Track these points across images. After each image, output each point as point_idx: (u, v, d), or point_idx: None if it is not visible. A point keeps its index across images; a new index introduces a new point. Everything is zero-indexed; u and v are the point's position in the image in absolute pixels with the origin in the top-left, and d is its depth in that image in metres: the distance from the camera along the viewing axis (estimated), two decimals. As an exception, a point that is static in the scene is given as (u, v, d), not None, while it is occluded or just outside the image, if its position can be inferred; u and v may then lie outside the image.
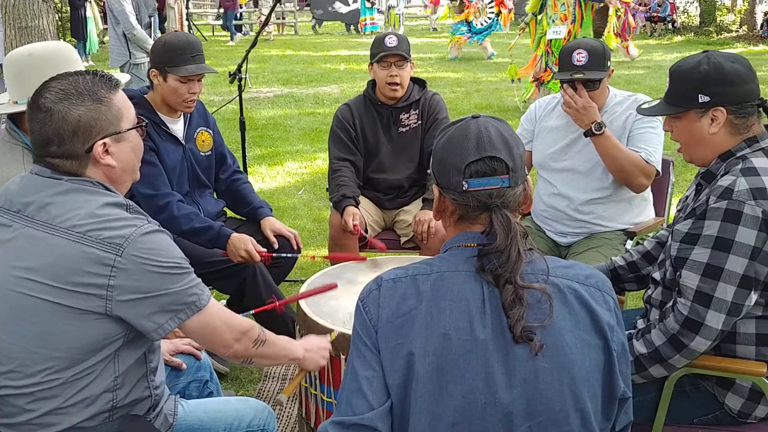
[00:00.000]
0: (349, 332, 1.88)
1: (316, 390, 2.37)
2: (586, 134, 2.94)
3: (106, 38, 12.33)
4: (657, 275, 2.14)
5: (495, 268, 1.38)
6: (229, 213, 3.50)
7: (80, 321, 1.57)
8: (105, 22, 12.85)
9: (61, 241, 1.56)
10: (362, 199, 3.55)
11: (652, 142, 2.97)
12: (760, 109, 2.01)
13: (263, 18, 20.44)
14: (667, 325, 1.93)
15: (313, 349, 2.05)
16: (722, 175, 1.95)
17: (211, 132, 3.30)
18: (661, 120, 2.87)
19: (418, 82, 3.66)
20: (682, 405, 2.06)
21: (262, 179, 6.71)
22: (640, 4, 16.83)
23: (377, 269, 2.78)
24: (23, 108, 2.14)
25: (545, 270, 1.42)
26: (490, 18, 15.41)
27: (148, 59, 7.11)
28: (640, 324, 2.15)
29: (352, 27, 23.87)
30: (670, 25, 23.25)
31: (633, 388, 1.49)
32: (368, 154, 3.62)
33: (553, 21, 8.56)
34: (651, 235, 2.86)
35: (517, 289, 1.36)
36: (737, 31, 22.80)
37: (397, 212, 3.69)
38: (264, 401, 2.55)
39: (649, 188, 3.15)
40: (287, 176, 6.90)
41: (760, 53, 17.53)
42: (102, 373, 1.63)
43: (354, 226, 3.30)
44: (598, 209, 3.08)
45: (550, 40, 8.63)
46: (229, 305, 3.34)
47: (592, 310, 1.40)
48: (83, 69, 1.85)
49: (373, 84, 3.60)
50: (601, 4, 8.56)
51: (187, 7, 15.37)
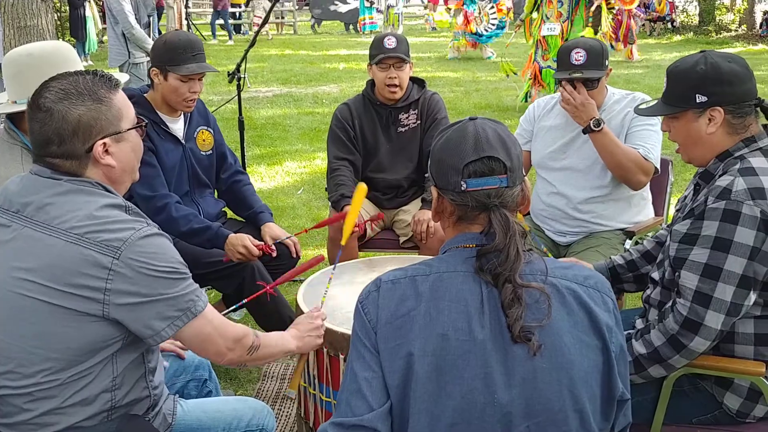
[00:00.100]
0: (349, 332, 1.89)
1: (315, 390, 2.38)
2: (584, 131, 2.95)
3: (105, 38, 12.32)
4: (656, 275, 2.14)
5: (494, 268, 1.38)
6: (230, 214, 3.49)
7: (78, 323, 1.57)
8: (104, 21, 12.84)
9: (59, 243, 1.56)
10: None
11: (651, 139, 2.98)
12: (758, 109, 2.01)
13: (256, 19, 20.47)
14: (667, 325, 1.93)
15: (303, 335, 2.04)
16: (720, 176, 1.95)
17: (211, 131, 3.29)
18: (659, 117, 2.88)
19: (417, 82, 3.66)
20: (680, 405, 2.06)
21: (261, 179, 6.71)
22: (641, 5, 16.83)
23: (376, 269, 2.78)
24: (22, 108, 2.15)
25: (544, 270, 1.42)
26: (493, 24, 15.44)
27: (147, 59, 7.12)
28: (639, 324, 2.15)
29: (351, 26, 23.87)
30: (669, 25, 23.26)
31: (632, 387, 1.49)
32: (367, 154, 3.62)
33: (548, 18, 8.63)
34: (650, 234, 2.87)
35: (516, 288, 1.36)
36: (736, 30, 22.80)
37: (396, 212, 3.69)
38: (263, 401, 2.55)
39: (648, 187, 3.15)
40: (286, 176, 6.89)
41: (760, 53, 17.53)
42: (100, 374, 1.63)
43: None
44: (598, 208, 3.08)
45: (544, 36, 8.70)
46: (224, 300, 3.35)
47: (591, 310, 1.40)
48: (82, 69, 1.85)
49: (372, 84, 3.59)
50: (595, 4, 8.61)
51: (186, 7, 15.37)
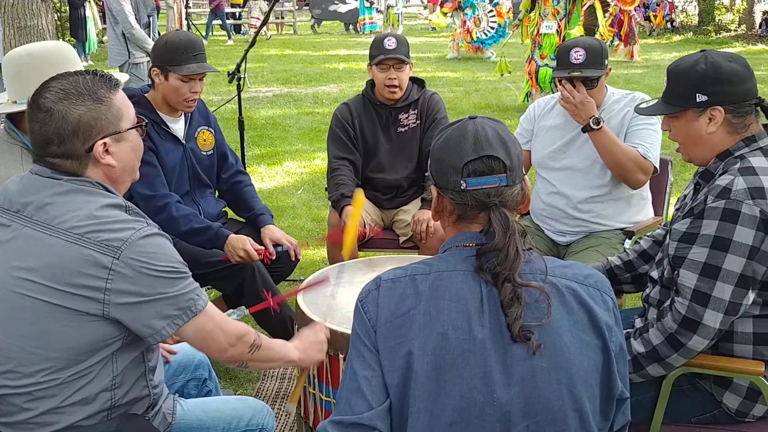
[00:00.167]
0: (348, 331, 1.89)
1: (314, 389, 2.38)
2: (584, 129, 2.95)
3: (105, 38, 12.32)
4: (655, 274, 2.14)
5: (493, 267, 1.39)
6: (230, 214, 3.49)
7: (78, 322, 1.57)
8: (104, 21, 12.84)
9: (59, 242, 1.56)
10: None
11: (650, 138, 2.98)
12: (758, 109, 2.01)
13: (253, 20, 20.46)
14: (665, 324, 1.93)
15: (308, 347, 2.02)
16: (720, 175, 1.95)
17: (212, 131, 3.29)
18: (658, 117, 2.88)
19: (417, 82, 3.66)
20: (680, 404, 2.06)
21: (261, 179, 6.71)
22: (641, 5, 16.84)
23: (376, 269, 2.78)
24: (22, 108, 2.15)
25: (543, 269, 1.42)
26: (492, 28, 15.44)
27: (147, 59, 7.12)
28: (638, 323, 2.15)
29: (351, 26, 23.87)
30: (668, 25, 23.25)
31: (631, 387, 1.49)
32: (367, 154, 3.63)
33: (545, 16, 8.67)
34: (648, 234, 2.87)
35: (516, 288, 1.36)
36: (736, 30, 22.80)
37: (395, 212, 3.69)
38: (263, 400, 2.56)
39: (648, 187, 3.15)
40: (286, 176, 6.89)
41: (759, 52, 17.53)
42: (100, 373, 1.63)
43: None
44: (597, 208, 3.08)
45: (540, 34, 8.74)
46: (225, 299, 3.35)
47: (591, 309, 1.40)
48: (82, 69, 1.85)
49: (371, 84, 3.60)
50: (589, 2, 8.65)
51: (187, 7, 15.37)
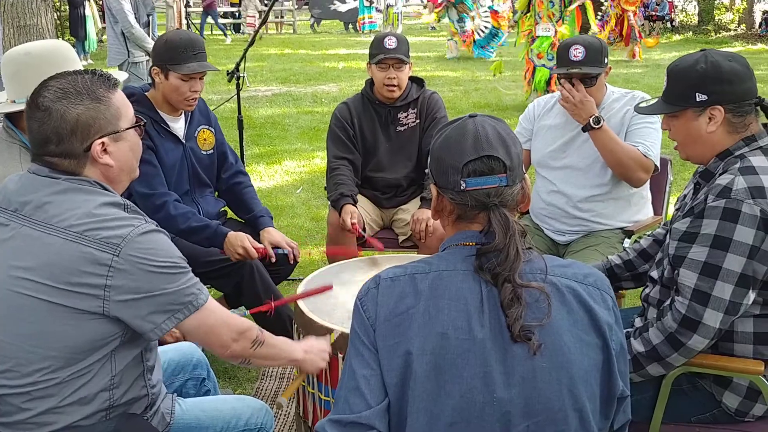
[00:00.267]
0: (347, 331, 1.88)
1: (313, 389, 2.37)
2: (584, 129, 2.95)
3: (105, 37, 12.30)
4: (655, 274, 2.14)
5: (493, 267, 1.38)
6: (230, 214, 3.48)
7: (77, 321, 1.57)
8: (104, 20, 12.82)
9: (58, 241, 1.56)
10: (360, 198, 3.55)
11: (650, 137, 2.98)
12: (758, 108, 2.01)
13: (248, 18, 20.46)
14: (665, 323, 1.93)
15: (312, 351, 2.04)
16: (720, 174, 1.95)
17: (212, 130, 3.29)
18: (659, 116, 2.88)
19: (416, 81, 3.66)
20: (679, 403, 2.06)
21: (260, 178, 6.70)
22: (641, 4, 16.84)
23: (375, 268, 2.78)
24: (21, 107, 2.14)
25: (543, 269, 1.41)
26: (486, 27, 15.44)
27: (146, 58, 7.11)
28: (638, 323, 2.15)
29: (350, 26, 23.87)
30: (668, 24, 23.26)
31: (631, 386, 1.49)
32: (366, 153, 3.62)
33: (540, 18, 8.69)
34: (648, 233, 2.87)
35: (516, 288, 1.36)
36: (736, 29, 22.81)
37: (395, 211, 3.69)
38: (262, 400, 2.55)
39: (648, 186, 3.15)
40: (285, 175, 6.89)
41: (759, 52, 17.53)
42: (99, 373, 1.63)
43: (352, 224, 3.29)
44: (597, 207, 3.08)
45: (535, 36, 8.79)
46: (225, 298, 3.34)
47: (591, 309, 1.40)
48: (81, 68, 1.85)
49: (371, 83, 3.59)
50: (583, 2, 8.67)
51: (186, 6, 15.36)
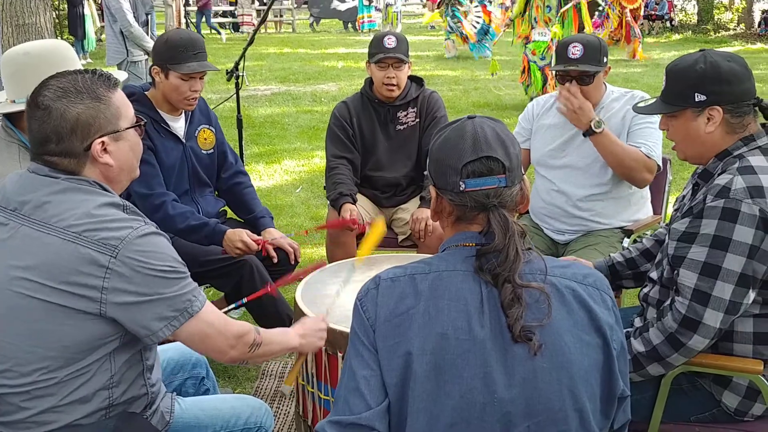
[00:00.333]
0: (347, 330, 1.88)
1: (313, 388, 2.37)
2: (585, 134, 2.95)
3: (104, 36, 12.29)
4: (654, 274, 2.14)
5: (493, 268, 1.38)
6: (230, 213, 3.48)
7: (75, 321, 1.57)
8: (102, 19, 12.80)
9: (56, 241, 1.56)
10: (360, 197, 3.55)
11: (652, 137, 2.98)
12: (756, 109, 2.01)
13: (244, 16, 20.45)
14: (665, 323, 1.93)
15: (308, 333, 2.02)
16: (719, 174, 1.95)
17: (213, 129, 3.28)
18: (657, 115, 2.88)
19: (416, 80, 3.65)
20: (679, 403, 2.06)
21: (259, 177, 6.70)
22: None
23: (374, 268, 2.78)
24: (21, 107, 2.14)
25: (543, 269, 1.42)
26: (477, 23, 15.44)
27: (145, 57, 7.11)
28: (638, 322, 2.15)
29: (349, 25, 23.86)
30: (667, 23, 23.26)
31: (630, 385, 1.49)
32: (366, 152, 3.62)
33: (536, 22, 8.71)
34: (649, 233, 2.87)
35: (516, 288, 1.36)
36: (735, 29, 22.82)
37: (394, 210, 3.69)
38: (261, 399, 2.55)
39: (648, 186, 3.15)
40: (285, 174, 6.89)
41: (758, 51, 17.54)
42: (98, 372, 1.63)
43: (352, 220, 3.28)
44: (597, 206, 3.08)
45: (533, 40, 8.87)
46: (226, 298, 3.34)
47: (591, 309, 1.40)
48: (81, 67, 1.85)
49: (370, 82, 3.59)
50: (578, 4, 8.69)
51: (186, 5, 15.34)
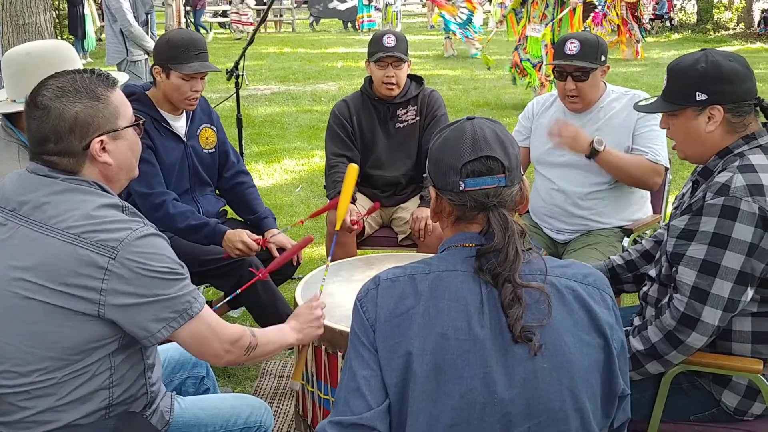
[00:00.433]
0: (347, 329, 1.88)
1: (313, 387, 2.38)
2: (589, 156, 2.92)
3: (104, 36, 12.28)
4: (653, 272, 2.14)
5: (493, 268, 1.38)
6: (230, 213, 3.48)
7: (73, 322, 1.57)
8: (102, 19, 12.79)
9: (55, 242, 1.55)
10: (359, 196, 3.55)
11: (657, 140, 2.99)
12: (757, 108, 2.01)
13: (233, 15, 20.43)
14: (663, 321, 1.94)
15: (304, 326, 2.03)
16: (719, 172, 1.95)
17: (215, 129, 3.28)
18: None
19: (415, 79, 3.66)
20: (678, 402, 2.06)
21: (259, 177, 6.70)
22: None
23: (374, 267, 2.78)
24: (21, 107, 2.14)
25: (543, 269, 1.42)
26: (463, 12, 15.39)
27: (145, 57, 7.11)
28: (636, 321, 2.15)
29: (349, 24, 23.84)
30: (667, 23, 23.25)
31: (630, 385, 1.50)
32: (365, 150, 3.62)
33: (533, 19, 8.73)
34: (649, 233, 2.87)
35: (516, 289, 1.36)
36: (734, 28, 22.78)
37: (394, 210, 3.69)
38: (261, 398, 2.56)
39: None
40: (284, 173, 6.89)
41: (758, 51, 17.52)
42: (97, 372, 1.63)
43: (352, 221, 3.29)
44: (598, 205, 3.08)
45: (526, 36, 8.87)
46: (226, 297, 3.34)
47: (591, 309, 1.40)
48: (81, 67, 1.84)
49: (370, 80, 3.59)
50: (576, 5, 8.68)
51: (186, 5, 15.33)
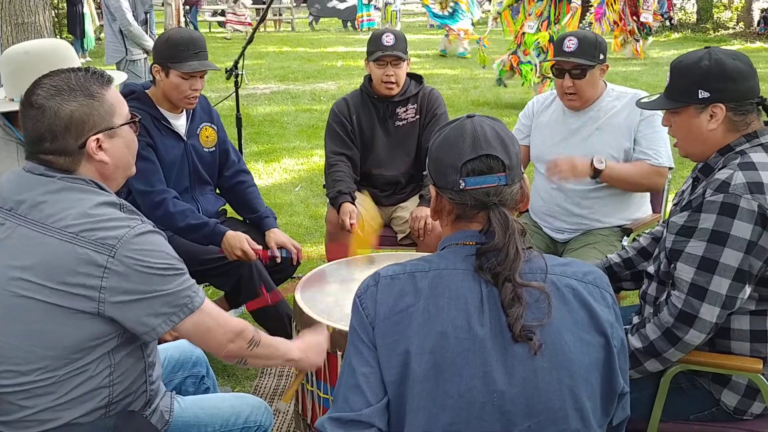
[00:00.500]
0: (346, 329, 1.88)
1: (312, 386, 2.37)
2: (594, 177, 2.92)
3: (103, 35, 12.27)
4: (651, 269, 2.14)
5: (493, 267, 1.38)
6: (230, 212, 3.48)
7: (73, 321, 1.56)
8: (101, 18, 12.77)
9: (53, 241, 1.55)
10: (359, 195, 3.55)
11: (659, 142, 2.99)
12: (759, 107, 2.01)
13: (229, 14, 20.43)
14: (662, 318, 1.93)
15: (309, 349, 2.03)
16: (720, 169, 1.95)
17: (215, 128, 3.28)
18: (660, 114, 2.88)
19: (415, 78, 3.65)
20: (678, 401, 2.06)
21: (258, 176, 6.69)
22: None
23: (374, 266, 2.77)
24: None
25: (543, 268, 1.41)
26: (452, 7, 15.34)
27: (144, 56, 7.12)
28: (635, 320, 2.15)
29: (349, 23, 23.84)
30: (667, 22, 23.25)
31: (630, 383, 1.49)
32: (365, 148, 3.61)
33: (529, 15, 8.74)
34: (647, 231, 2.87)
35: (516, 288, 1.36)
36: (734, 28, 22.77)
37: (394, 209, 3.68)
38: (261, 397, 2.55)
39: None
40: (284, 173, 6.89)
41: (757, 50, 17.52)
42: (97, 370, 1.63)
43: (351, 224, 3.28)
44: (598, 204, 3.08)
45: (523, 33, 8.86)
46: (226, 297, 3.34)
47: (591, 307, 1.40)
48: (79, 66, 1.84)
49: (369, 78, 3.59)
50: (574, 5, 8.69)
51: (185, 4, 15.33)
